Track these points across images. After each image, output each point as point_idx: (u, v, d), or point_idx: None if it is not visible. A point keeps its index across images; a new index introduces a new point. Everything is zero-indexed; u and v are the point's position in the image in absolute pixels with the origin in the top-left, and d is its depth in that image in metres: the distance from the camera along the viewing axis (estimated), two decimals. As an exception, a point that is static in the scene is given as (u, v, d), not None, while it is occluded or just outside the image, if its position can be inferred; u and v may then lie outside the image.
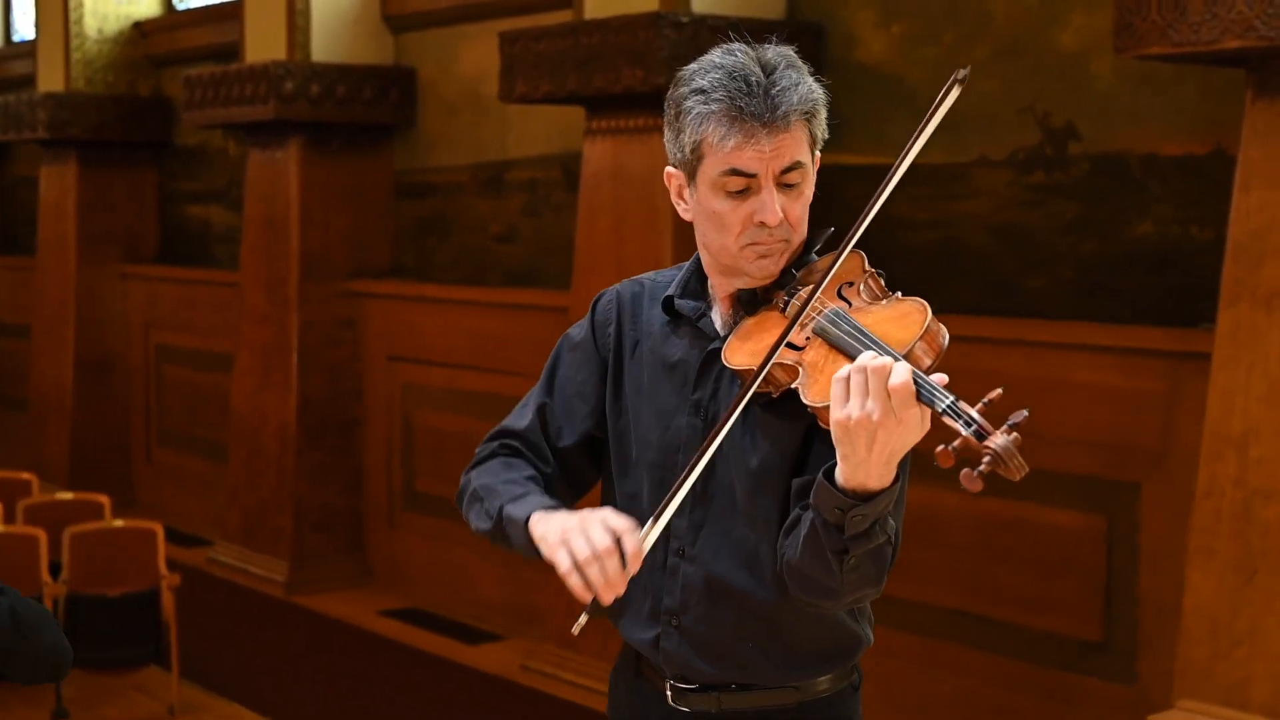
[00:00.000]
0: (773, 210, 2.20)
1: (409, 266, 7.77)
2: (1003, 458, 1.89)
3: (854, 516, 2.03)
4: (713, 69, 2.24)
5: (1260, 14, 3.86)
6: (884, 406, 1.95)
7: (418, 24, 7.58)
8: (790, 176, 2.23)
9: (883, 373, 1.96)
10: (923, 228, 5.49)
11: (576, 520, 2.16)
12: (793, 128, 2.21)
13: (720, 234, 2.25)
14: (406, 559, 7.53)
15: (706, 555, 2.31)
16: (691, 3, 5.56)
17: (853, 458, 2.00)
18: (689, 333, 2.36)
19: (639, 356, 2.40)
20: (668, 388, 2.34)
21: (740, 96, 2.18)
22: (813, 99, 2.24)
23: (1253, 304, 4.07)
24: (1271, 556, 4.02)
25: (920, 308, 2.13)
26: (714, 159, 2.21)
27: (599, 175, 5.90)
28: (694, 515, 2.31)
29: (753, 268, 2.26)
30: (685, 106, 2.24)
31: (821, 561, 2.10)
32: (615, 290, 2.48)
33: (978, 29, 5.31)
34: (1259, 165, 4.08)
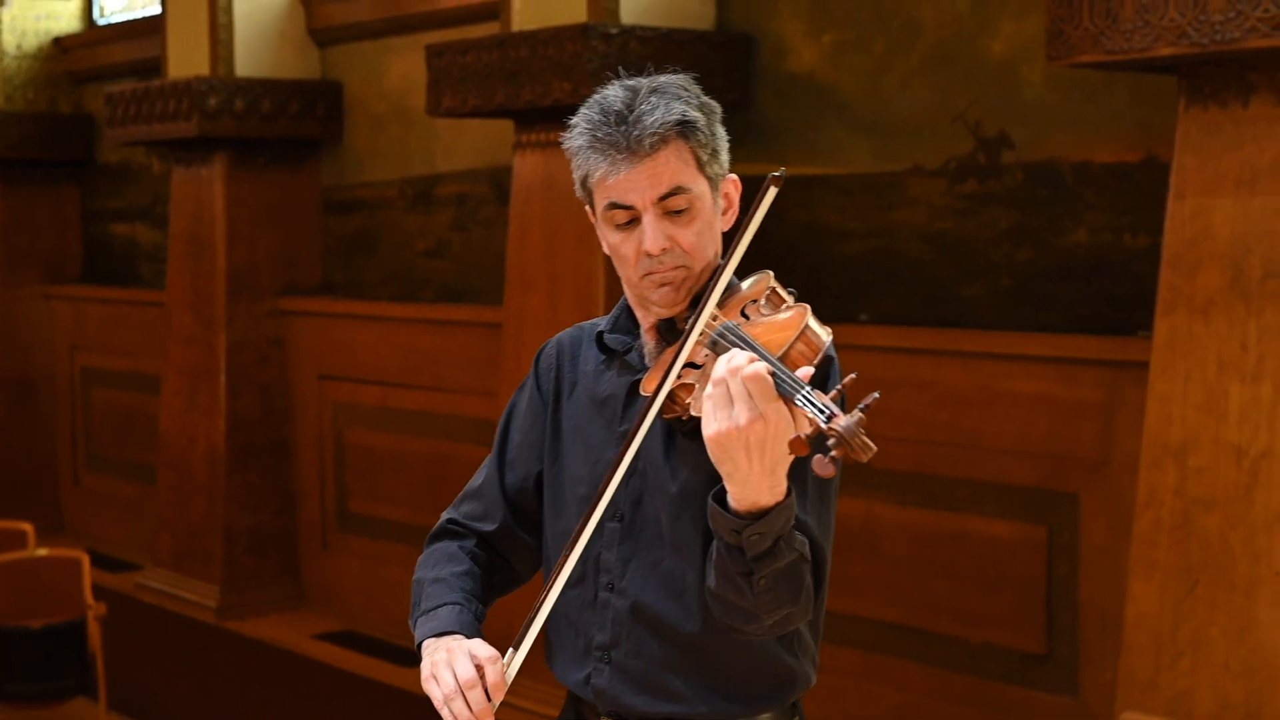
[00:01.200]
0: (651, 239, 2.18)
1: (338, 283, 7.66)
2: (846, 438, 1.87)
3: (750, 536, 2.02)
4: (590, 104, 2.25)
5: (1192, 21, 3.83)
6: (748, 407, 1.94)
7: (343, 37, 7.48)
8: (673, 202, 2.20)
9: (737, 371, 1.95)
10: (856, 237, 5.44)
11: (445, 653, 2.20)
12: (662, 152, 2.18)
13: (622, 268, 2.27)
14: (340, 581, 7.41)
15: (634, 587, 2.29)
16: (620, 14, 5.49)
17: (736, 474, 1.99)
18: (619, 366, 2.35)
19: (575, 397, 2.40)
20: (599, 423, 2.34)
21: (599, 128, 2.19)
22: (673, 119, 2.19)
23: (1189, 312, 4.05)
24: (1212, 566, 3.99)
25: (800, 311, 2.14)
26: (598, 194, 2.23)
27: (529, 189, 5.82)
28: (622, 549, 2.30)
29: (655, 296, 2.24)
30: (567, 144, 2.27)
31: (732, 584, 2.08)
32: (556, 339, 2.49)
33: (908, 37, 5.27)
34: (1192, 173, 4.05)
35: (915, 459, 5.06)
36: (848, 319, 5.39)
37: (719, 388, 1.97)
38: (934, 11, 5.19)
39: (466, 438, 6.61)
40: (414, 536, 6.93)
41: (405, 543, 6.97)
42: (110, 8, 9.41)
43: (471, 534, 2.46)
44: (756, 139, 5.70)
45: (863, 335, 5.21)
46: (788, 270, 5.62)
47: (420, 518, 6.88)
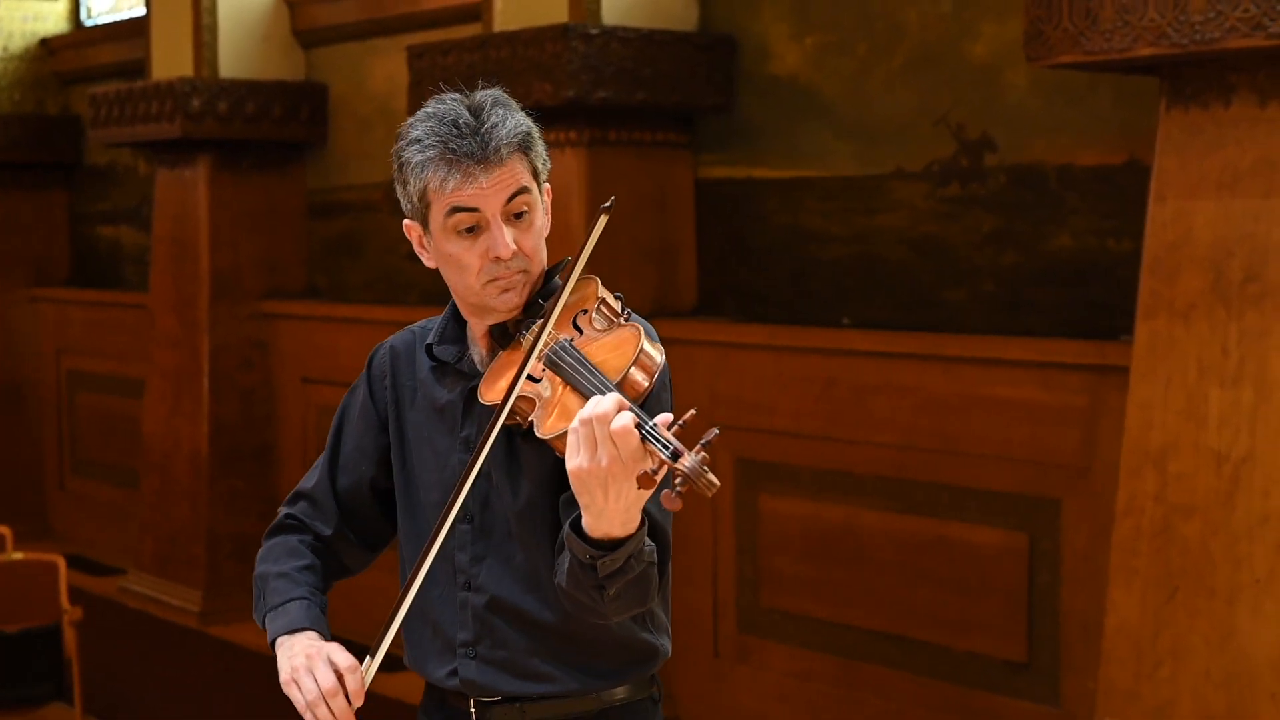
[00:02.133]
0: (504, 243, 2.27)
1: (322, 287, 7.61)
2: (690, 477, 1.96)
3: (603, 561, 2.10)
4: (426, 119, 2.34)
5: (1172, 21, 3.79)
6: (610, 454, 2.00)
7: (328, 39, 7.43)
8: (516, 205, 2.30)
9: (605, 420, 2.01)
10: (838, 242, 5.40)
11: (305, 658, 2.30)
12: (508, 161, 2.28)
13: (461, 275, 2.32)
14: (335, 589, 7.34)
15: (491, 583, 2.37)
16: (602, 15, 5.45)
17: (593, 506, 2.06)
18: (452, 375, 2.43)
19: (417, 404, 2.47)
20: (440, 430, 2.41)
21: (452, 139, 2.27)
22: (523, 130, 2.32)
23: (1170, 316, 4.00)
24: (1192, 574, 3.94)
25: (633, 333, 2.21)
26: (439, 202, 2.29)
27: (513, 191, 5.75)
28: (475, 548, 2.38)
29: (497, 302, 2.32)
30: (405, 158, 2.34)
31: (583, 592, 2.18)
32: (389, 343, 2.56)
33: (891, 40, 5.23)
34: (1173, 175, 4.01)
35: (897, 464, 5.01)
36: (830, 323, 5.35)
37: (585, 429, 2.03)
38: (917, 14, 5.15)
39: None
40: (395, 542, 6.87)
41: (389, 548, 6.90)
42: (97, 9, 9.37)
43: (309, 531, 2.55)
44: (739, 141, 5.66)
45: (845, 339, 5.17)
46: (771, 274, 5.63)
47: (403, 523, 6.83)
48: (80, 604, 5.64)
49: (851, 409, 5.11)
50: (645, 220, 5.66)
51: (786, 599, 5.38)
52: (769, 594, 5.43)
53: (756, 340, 5.39)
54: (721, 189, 5.72)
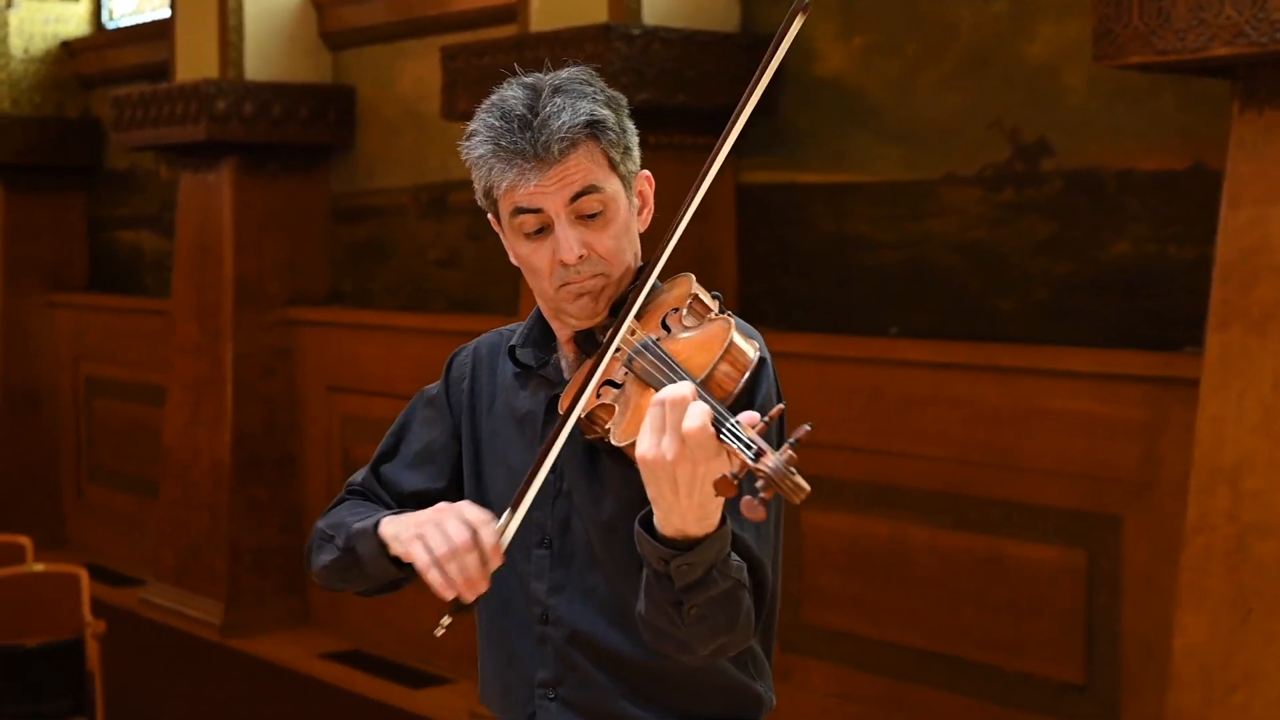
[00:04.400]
0: (567, 246, 2.06)
1: (347, 293, 7.47)
2: (774, 480, 1.74)
3: (679, 566, 1.88)
4: (486, 110, 2.12)
5: (1250, 19, 3.63)
6: (678, 446, 1.80)
7: (356, 41, 7.30)
8: (585, 205, 2.07)
9: (679, 408, 1.81)
10: (886, 248, 5.24)
11: (430, 513, 2.05)
12: (570, 155, 2.05)
13: (535, 279, 2.14)
14: (347, 599, 7.16)
15: (572, 616, 2.15)
16: (643, 14, 5.30)
17: (661, 500, 1.86)
18: (535, 382, 2.22)
19: (495, 412, 2.26)
20: (518, 442, 2.21)
21: (504, 135, 2.06)
22: (582, 119, 2.05)
23: (1244, 327, 3.84)
24: (1267, 595, 3.78)
25: (723, 326, 1.98)
26: (503, 202, 2.10)
27: (546, 196, 5.61)
28: (554, 576, 2.16)
29: (573, 308, 2.11)
30: (465, 152, 2.13)
31: (662, 612, 1.95)
32: (472, 345, 2.36)
33: (943, 40, 5.07)
34: (1248, 180, 3.85)
35: (947, 479, 4.86)
36: (877, 332, 5.19)
37: (656, 410, 1.83)
38: (969, 13, 4.99)
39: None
40: (423, 554, 6.73)
41: (414, 560, 6.76)
42: (119, 10, 9.25)
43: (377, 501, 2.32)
44: (782, 145, 5.50)
45: (892, 349, 5.01)
46: (816, 282, 5.47)
47: (430, 535, 6.68)
48: (101, 617, 5.50)
49: (899, 421, 4.95)
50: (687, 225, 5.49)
51: (830, 616, 5.22)
52: (811, 611, 5.26)
53: (800, 349, 5.22)
54: (764, 194, 5.57)
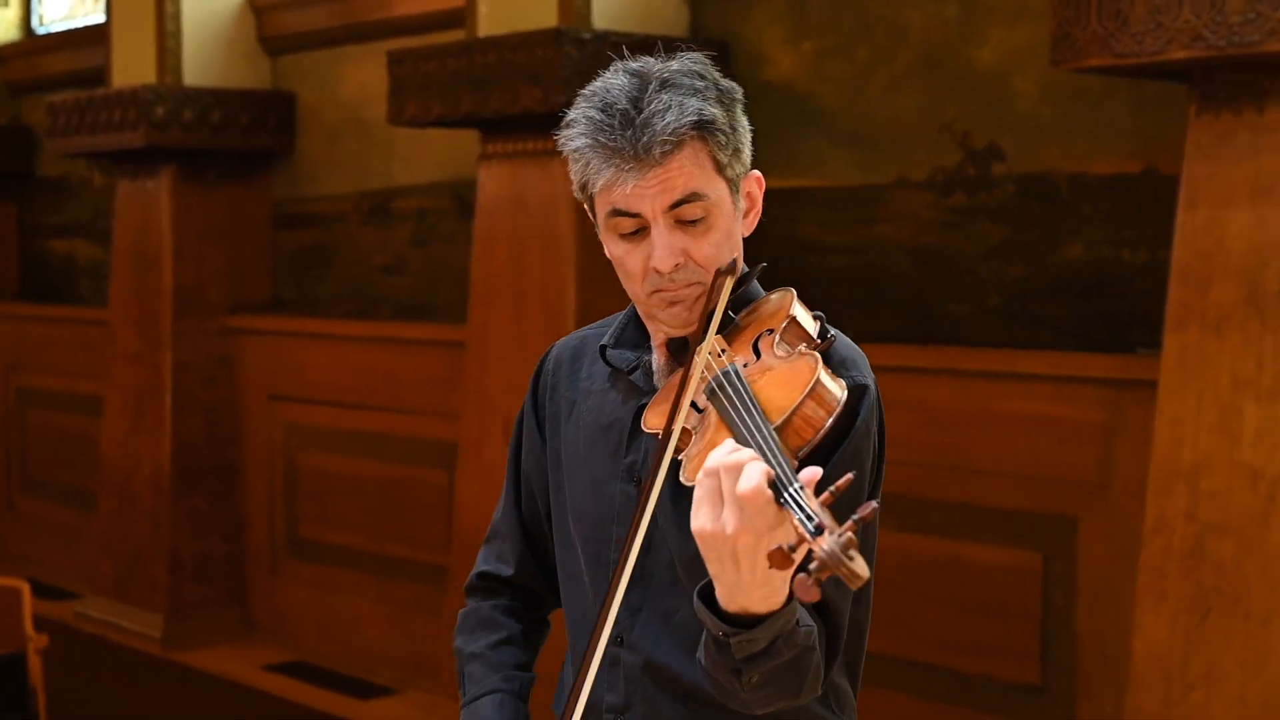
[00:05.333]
0: (663, 255, 1.93)
1: (289, 301, 7.39)
2: (827, 563, 1.54)
3: (739, 642, 1.73)
4: (587, 97, 2.00)
5: (1207, 23, 3.66)
6: (737, 519, 1.64)
7: (296, 46, 7.22)
8: (685, 211, 1.93)
9: (734, 473, 1.65)
10: (838, 253, 5.24)
11: None
12: (673, 158, 1.91)
13: (627, 282, 2.01)
14: (291, 609, 7.13)
15: (647, 642, 2.02)
16: (592, 19, 5.28)
17: (724, 576, 1.69)
18: (624, 388, 2.08)
19: (575, 419, 2.13)
20: (602, 451, 2.07)
21: (603, 130, 1.93)
22: (690, 119, 1.92)
23: (1201, 328, 3.87)
24: (1226, 594, 3.81)
25: (810, 363, 1.83)
26: (600, 199, 1.98)
27: (495, 202, 5.59)
28: (631, 597, 1.99)
29: (665, 316, 1.99)
30: (562, 143, 2.02)
31: (721, 674, 1.80)
32: (556, 349, 2.23)
33: (893, 44, 5.08)
34: (1205, 183, 3.88)
35: (905, 482, 4.85)
36: (829, 337, 5.18)
37: (710, 481, 1.67)
38: (920, 18, 5.01)
39: (425, 461, 6.37)
40: (368, 563, 6.68)
41: (359, 569, 6.71)
42: (50, 16, 9.10)
43: (497, 585, 2.26)
44: (732, 150, 5.49)
45: (846, 354, 5.01)
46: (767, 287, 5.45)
47: (376, 544, 6.63)
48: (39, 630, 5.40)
49: (853, 425, 4.94)
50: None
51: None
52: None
53: (750, 355, 5.22)
54: (713, 199, 5.54)
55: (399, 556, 6.51)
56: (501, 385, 5.52)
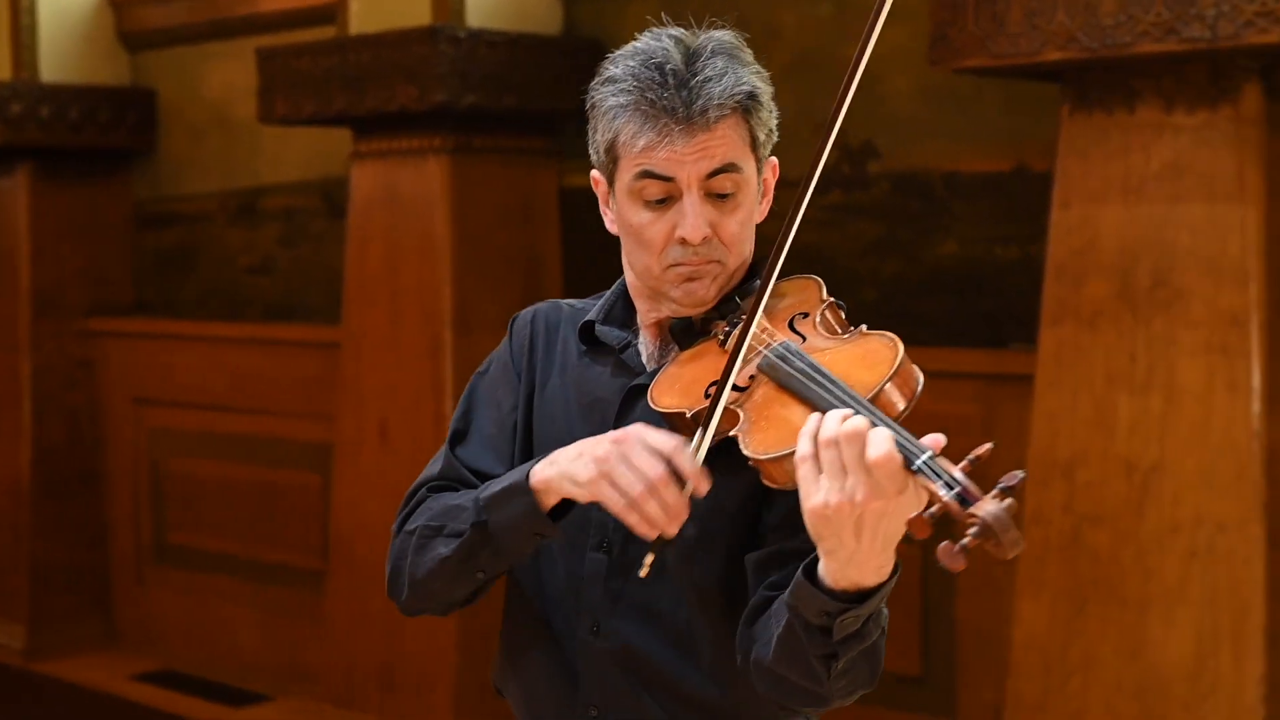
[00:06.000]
0: (694, 223, 1.89)
1: (152, 302, 7.24)
2: (993, 528, 1.56)
3: (845, 619, 1.71)
4: (629, 55, 1.98)
5: (1081, 25, 3.74)
6: (867, 484, 1.61)
7: (157, 42, 7.08)
8: (719, 183, 1.92)
9: (857, 441, 1.61)
10: (714, 251, 5.27)
11: (605, 445, 1.81)
12: (718, 126, 1.90)
13: (641, 252, 1.95)
14: (158, 617, 7.00)
15: (628, 631, 1.96)
16: (466, 16, 5.25)
17: (840, 551, 1.66)
18: (610, 366, 2.03)
19: (550, 391, 2.07)
20: (581, 430, 1.98)
21: (652, 88, 1.91)
22: (744, 89, 1.94)
23: (1076, 324, 3.96)
24: (1103, 584, 3.90)
25: (889, 344, 1.81)
26: (628, 160, 1.93)
27: (369, 201, 5.53)
28: (611, 584, 1.96)
29: (678, 292, 1.95)
30: (598, 98, 1.98)
31: (803, 667, 1.77)
32: (533, 311, 2.16)
33: (767, 43, 5.10)
34: (1078, 181, 3.97)
35: (783, 478, 4.91)
36: (707, 334, 5.22)
37: (830, 452, 1.62)
38: (794, 17, 5.06)
39: (298, 464, 6.28)
40: (239, 568, 6.57)
41: (229, 574, 6.60)
42: (-105, 10, 8.82)
43: None
44: (607, 149, 5.50)
45: (725, 351, 5.04)
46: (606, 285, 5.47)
47: (246, 549, 6.53)
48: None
49: (732, 422, 4.98)
50: (510, 230, 5.48)
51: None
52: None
53: (628, 353, 5.23)
54: (588, 198, 5.54)
55: (272, 561, 6.42)
56: (378, 386, 5.47)
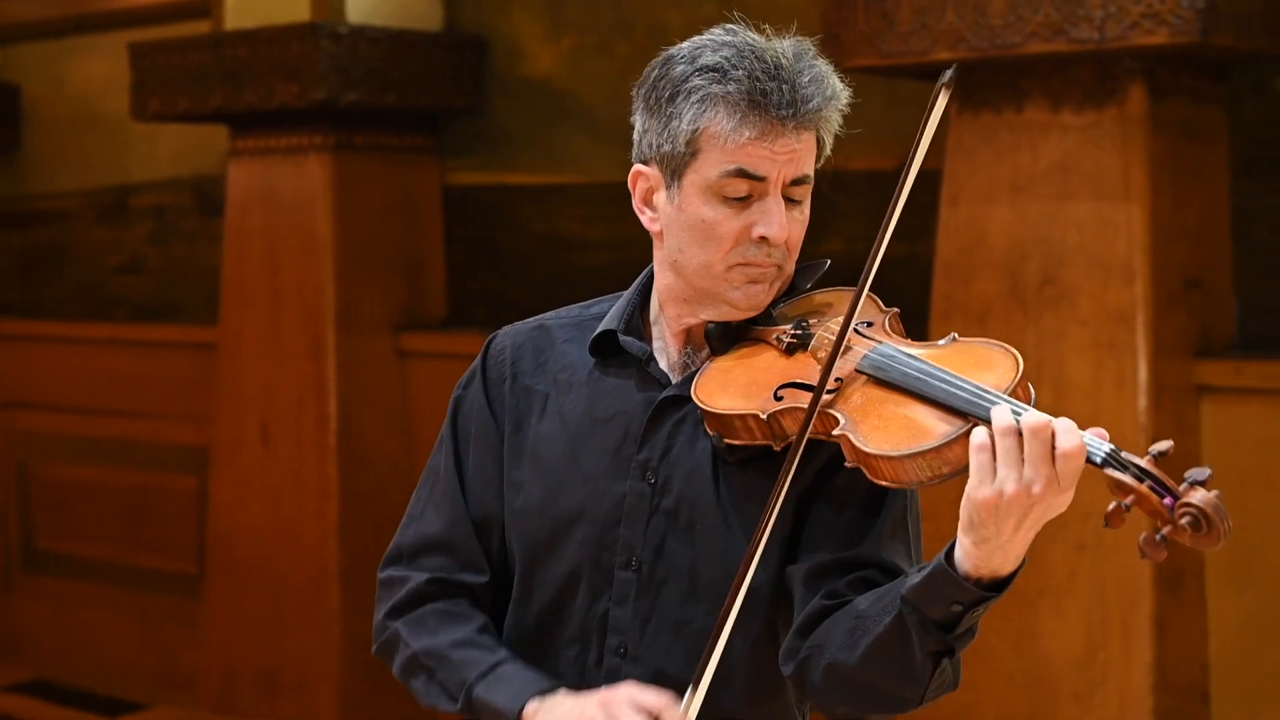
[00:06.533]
0: (780, 221, 1.87)
1: (15, 304, 7.05)
2: (1211, 517, 1.58)
3: (979, 610, 1.70)
4: (719, 46, 1.90)
5: (970, 25, 3.79)
6: (1048, 476, 1.61)
7: (19, 36, 6.89)
8: (797, 190, 1.91)
9: (1045, 433, 1.61)
10: (597, 248, 5.26)
11: (599, 708, 1.76)
12: (812, 129, 1.89)
13: (704, 249, 1.89)
14: (28, 626, 6.81)
15: (657, 654, 1.89)
16: (346, 13, 5.19)
17: (995, 539, 1.65)
18: (631, 378, 1.96)
19: (552, 413, 1.98)
20: (598, 447, 1.94)
21: (765, 79, 1.84)
22: (843, 97, 1.92)
23: (965, 320, 4.01)
24: (994, 576, 3.95)
25: (1003, 350, 1.82)
26: (717, 153, 1.86)
27: (247, 199, 5.44)
28: (640, 604, 1.90)
29: (737, 294, 1.90)
30: (690, 85, 1.88)
31: (905, 669, 1.74)
32: (510, 336, 2.08)
33: (653, 42, 5.02)
34: (965, 179, 4.02)
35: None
36: (594, 332, 5.21)
37: (1009, 440, 1.62)
38: (679, 16, 5.05)
39: (173, 467, 6.16)
40: (113, 574, 6.43)
41: (104, 581, 6.45)
42: None
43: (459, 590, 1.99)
44: (490, 146, 5.48)
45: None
46: (527, 283, 5.45)
47: (120, 554, 6.39)
48: None
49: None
50: (392, 229, 5.42)
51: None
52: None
53: (512, 352, 5.21)
54: (471, 195, 5.52)
55: (147, 567, 6.28)
56: (257, 387, 5.38)
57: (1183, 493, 1.60)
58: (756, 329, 1.94)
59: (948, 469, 1.71)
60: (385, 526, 5.41)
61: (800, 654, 1.82)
